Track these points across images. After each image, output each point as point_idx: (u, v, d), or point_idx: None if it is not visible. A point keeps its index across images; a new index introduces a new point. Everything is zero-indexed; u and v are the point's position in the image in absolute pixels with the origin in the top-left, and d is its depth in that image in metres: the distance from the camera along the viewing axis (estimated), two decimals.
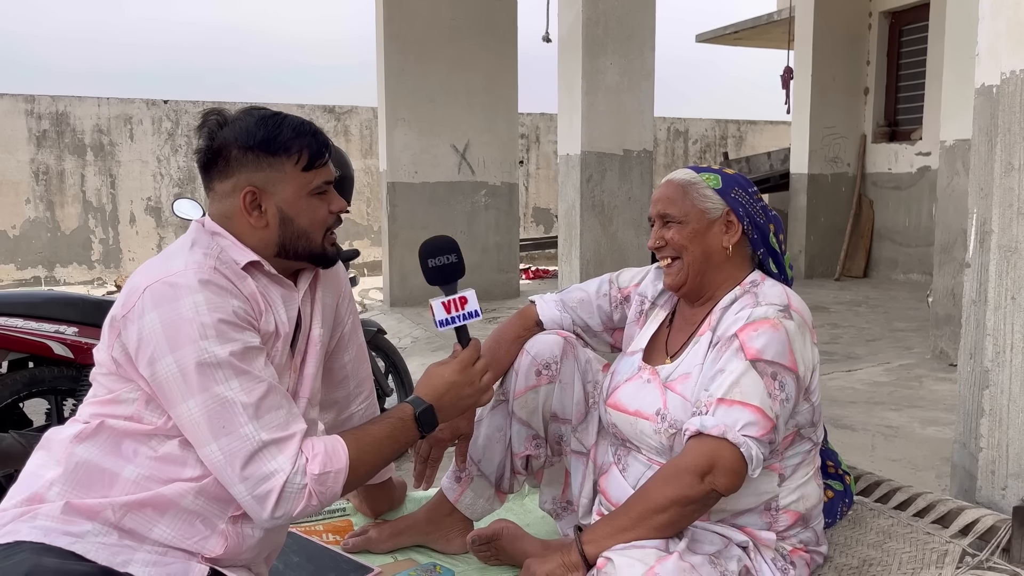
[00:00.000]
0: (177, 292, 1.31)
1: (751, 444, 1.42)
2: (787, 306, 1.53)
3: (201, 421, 1.29)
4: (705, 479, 1.41)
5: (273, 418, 1.32)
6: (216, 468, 1.31)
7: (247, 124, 1.41)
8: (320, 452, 1.33)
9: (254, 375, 1.32)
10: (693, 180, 1.64)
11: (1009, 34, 1.85)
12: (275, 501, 1.29)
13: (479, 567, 1.85)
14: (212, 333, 1.29)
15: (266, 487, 1.29)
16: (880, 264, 8.19)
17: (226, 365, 1.29)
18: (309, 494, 1.31)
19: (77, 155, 9.14)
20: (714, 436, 1.42)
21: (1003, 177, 1.86)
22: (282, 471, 1.29)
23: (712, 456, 1.42)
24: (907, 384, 4.33)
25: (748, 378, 1.45)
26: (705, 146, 12.29)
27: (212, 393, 1.28)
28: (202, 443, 1.30)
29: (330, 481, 1.33)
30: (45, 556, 1.25)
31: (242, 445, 1.28)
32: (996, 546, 1.63)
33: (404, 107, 6.84)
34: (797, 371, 1.50)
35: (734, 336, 1.50)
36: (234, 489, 1.31)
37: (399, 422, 1.45)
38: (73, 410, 2.78)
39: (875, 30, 8.18)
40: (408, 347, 5.38)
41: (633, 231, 4.80)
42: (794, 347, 1.50)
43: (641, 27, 4.66)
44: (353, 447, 1.37)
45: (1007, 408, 1.88)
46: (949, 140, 4.60)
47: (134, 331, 1.31)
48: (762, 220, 1.66)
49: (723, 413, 1.43)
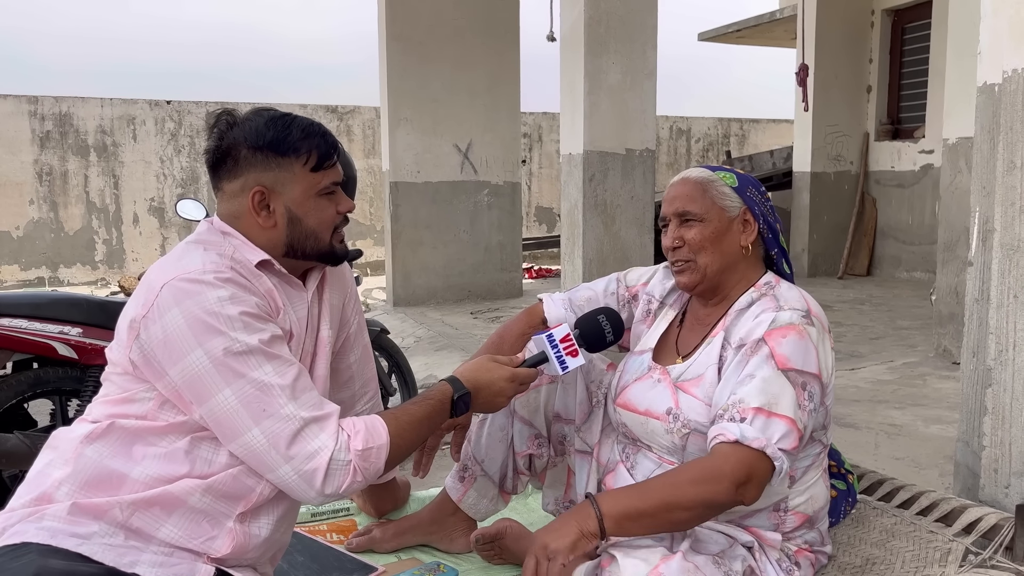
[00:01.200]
0: (198, 288, 1.32)
1: (784, 459, 1.42)
2: (808, 311, 1.52)
3: (239, 409, 1.29)
4: (739, 489, 1.40)
5: (309, 398, 1.33)
6: (257, 454, 1.31)
7: (257, 125, 1.42)
8: (361, 429, 1.35)
9: (285, 359, 1.34)
10: (711, 178, 1.63)
11: (1011, 32, 1.85)
12: (323, 478, 1.30)
13: (483, 566, 1.85)
14: (239, 324, 1.31)
15: (313, 464, 1.30)
16: (883, 262, 8.18)
17: (257, 352, 1.31)
18: (354, 470, 1.32)
19: (80, 156, 9.16)
20: (754, 448, 1.40)
21: (1005, 175, 1.86)
22: (326, 448, 1.30)
23: (751, 468, 1.40)
24: (911, 382, 4.33)
25: (782, 389, 1.44)
26: (707, 145, 12.28)
27: (248, 379, 1.29)
28: (240, 431, 1.30)
29: (373, 456, 1.34)
30: (52, 558, 1.25)
31: (285, 426, 1.29)
32: (999, 544, 1.63)
33: (407, 107, 6.85)
34: (822, 378, 1.49)
35: (762, 341, 1.48)
36: (279, 471, 1.31)
37: (438, 403, 1.47)
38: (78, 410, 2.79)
39: (878, 28, 8.18)
40: (411, 347, 5.39)
41: (636, 230, 4.80)
42: (819, 354, 1.49)
43: (643, 26, 4.67)
44: (392, 424, 1.38)
45: (1010, 406, 1.88)
46: (952, 138, 4.60)
47: (157, 330, 1.31)
48: (773, 220, 1.66)
49: (761, 424, 1.41)
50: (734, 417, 1.43)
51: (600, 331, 1.70)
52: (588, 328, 1.70)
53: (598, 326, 1.70)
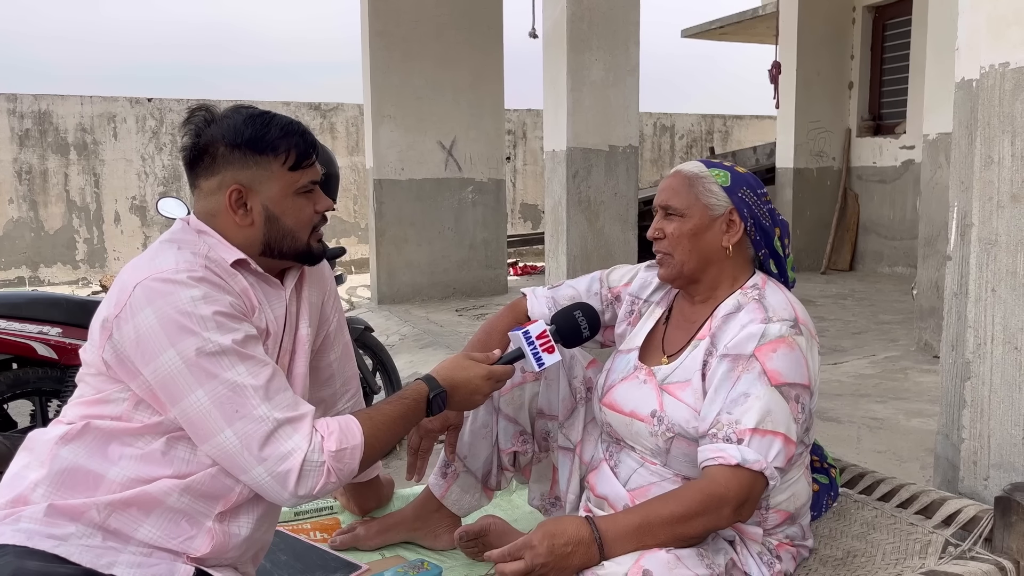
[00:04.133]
0: (171, 287, 1.30)
1: (778, 476, 1.44)
2: (795, 320, 1.52)
3: (212, 409, 1.28)
4: (737, 511, 1.42)
5: (283, 399, 1.32)
6: (230, 455, 1.30)
7: (235, 122, 1.41)
8: (335, 430, 1.34)
9: (259, 359, 1.33)
10: (700, 174, 1.62)
11: (988, 28, 1.87)
12: (296, 479, 1.29)
13: (467, 563, 1.85)
14: (212, 324, 1.29)
15: (286, 466, 1.29)
16: (865, 257, 8.24)
17: (230, 352, 1.30)
18: (328, 471, 1.31)
19: (60, 154, 9.07)
20: (753, 471, 1.41)
21: (983, 170, 1.87)
22: (300, 449, 1.29)
23: (750, 490, 1.42)
24: (892, 376, 4.36)
25: (777, 405, 1.44)
26: (691, 141, 12.32)
27: (221, 380, 1.28)
28: (213, 432, 1.29)
29: (347, 457, 1.33)
30: (28, 559, 1.24)
31: (258, 427, 1.28)
32: (979, 536, 1.64)
33: (390, 104, 6.82)
34: (811, 387, 1.51)
35: (753, 358, 1.47)
36: (252, 473, 1.30)
37: (413, 403, 1.46)
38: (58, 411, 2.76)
39: (859, 24, 8.23)
40: (396, 344, 5.37)
41: (619, 227, 4.81)
42: (809, 365, 1.50)
43: (626, 22, 4.67)
44: (367, 424, 1.38)
45: (988, 399, 1.90)
46: (932, 134, 4.64)
47: (129, 330, 1.30)
48: (768, 223, 1.63)
49: (758, 444, 1.42)
50: (730, 438, 1.43)
51: (576, 326, 1.70)
52: (564, 324, 1.70)
53: (574, 321, 1.70)
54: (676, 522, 1.41)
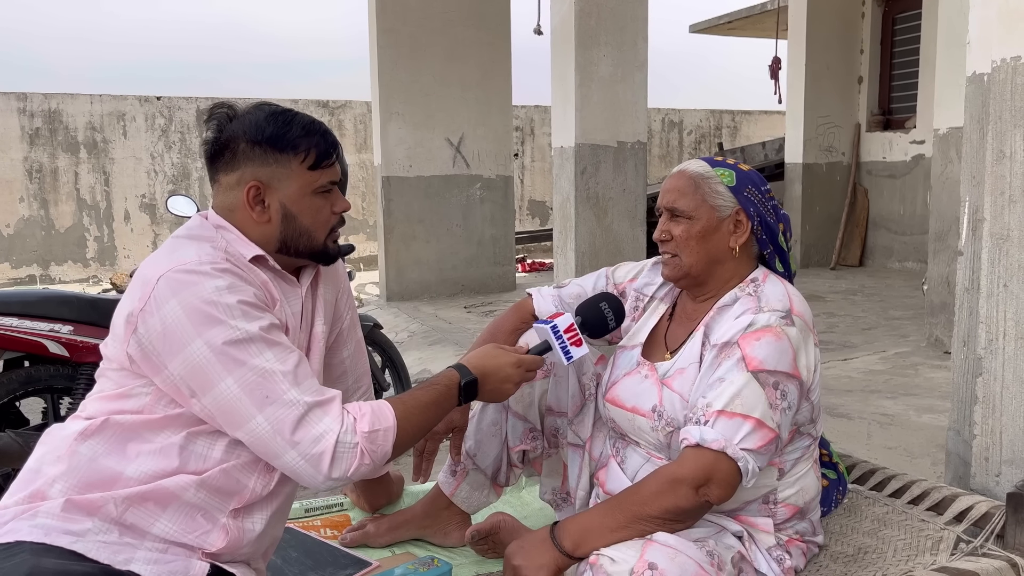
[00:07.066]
0: (195, 278, 1.31)
1: (748, 458, 1.41)
2: (789, 311, 1.51)
3: (242, 397, 1.28)
4: (700, 491, 1.41)
5: (311, 384, 1.33)
6: (263, 441, 1.30)
7: (257, 119, 1.41)
8: (367, 412, 1.34)
9: (285, 346, 1.33)
10: (706, 174, 1.60)
11: (1000, 21, 1.85)
12: (330, 461, 1.29)
13: (476, 560, 1.86)
14: (238, 312, 1.30)
15: (319, 448, 1.29)
16: (875, 253, 8.21)
17: (258, 339, 1.30)
18: (361, 452, 1.31)
19: (70, 153, 9.11)
20: (713, 450, 1.40)
21: (994, 165, 1.86)
22: (332, 431, 1.29)
23: (709, 470, 1.40)
24: (903, 372, 4.35)
25: (749, 389, 1.43)
26: (700, 137, 12.28)
27: (249, 366, 1.29)
28: (245, 419, 1.29)
29: (380, 439, 1.33)
30: (45, 557, 1.24)
31: (289, 411, 1.29)
32: (990, 532, 1.64)
33: (398, 101, 6.83)
34: (800, 377, 1.49)
35: (735, 344, 1.47)
36: (285, 457, 1.30)
37: (445, 388, 1.45)
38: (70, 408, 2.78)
39: (868, 18, 8.18)
40: (405, 341, 5.38)
41: (628, 223, 4.80)
42: (797, 355, 1.48)
43: (634, 18, 4.66)
44: (399, 408, 1.37)
45: (1000, 395, 1.89)
46: (943, 128, 4.61)
47: (155, 322, 1.30)
48: (772, 219, 1.62)
49: (723, 426, 1.41)
50: (699, 420, 1.44)
51: (602, 317, 1.68)
52: (590, 315, 1.68)
53: (599, 312, 1.68)
54: (637, 503, 1.42)
